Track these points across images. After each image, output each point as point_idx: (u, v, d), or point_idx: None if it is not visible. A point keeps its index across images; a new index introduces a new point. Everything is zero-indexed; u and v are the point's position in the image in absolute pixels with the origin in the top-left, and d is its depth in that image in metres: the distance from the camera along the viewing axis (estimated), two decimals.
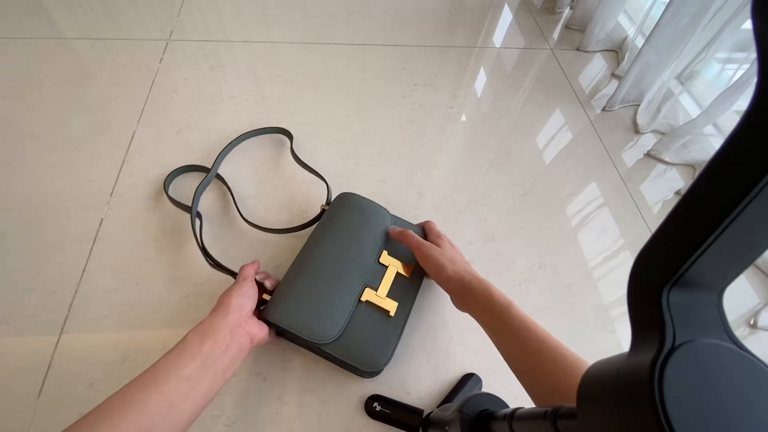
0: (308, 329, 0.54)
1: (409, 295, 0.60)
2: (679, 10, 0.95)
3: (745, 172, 0.14)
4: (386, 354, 0.57)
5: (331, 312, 0.53)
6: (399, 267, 0.60)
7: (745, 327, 0.81)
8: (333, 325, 0.54)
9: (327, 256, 0.57)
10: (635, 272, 0.18)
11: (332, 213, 0.62)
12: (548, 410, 0.33)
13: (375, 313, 0.56)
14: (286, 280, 0.59)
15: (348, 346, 0.55)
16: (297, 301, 0.55)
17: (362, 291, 0.56)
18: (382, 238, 0.61)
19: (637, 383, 0.16)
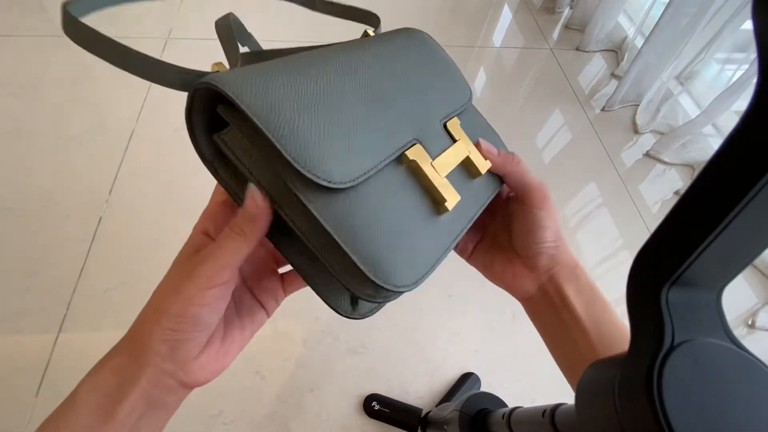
0: (297, 139, 0.24)
1: (476, 200, 0.32)
2: (678, 11, 0.95)
3: (744, 171, 0.14)
4: (420, 264, 0.28)
5: (349, 139, 0.26)
6: (472, 151, 0.33)
7: (743, 327, 0.81)
8: (348, 158, 0.26)
9: (363, 72, 0.29)
10: (634, 271, 0.18)
11: (387, 38, 0.34)
12: (546, 409, 0.33)
13: (419, 191, 0.29)
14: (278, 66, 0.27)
15: (360, 219, 0.26)
16: (291, 89, 0.25)
17: (409, 145, 0.29)
18: (453, 104, 0.34)
19: (636, 382, 0.16)
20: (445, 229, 0.30)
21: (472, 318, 0.79)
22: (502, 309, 0.80)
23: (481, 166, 0.33)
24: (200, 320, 0.26)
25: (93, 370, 0.27)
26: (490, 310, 0.80)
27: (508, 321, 0.79)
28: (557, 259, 0.33)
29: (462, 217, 0.31)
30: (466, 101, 0.36)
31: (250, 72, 0.25)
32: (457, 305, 0.80)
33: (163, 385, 0.27)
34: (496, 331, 0.78)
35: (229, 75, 0.24)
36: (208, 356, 0.28)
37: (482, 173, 0.33)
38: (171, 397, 0.28)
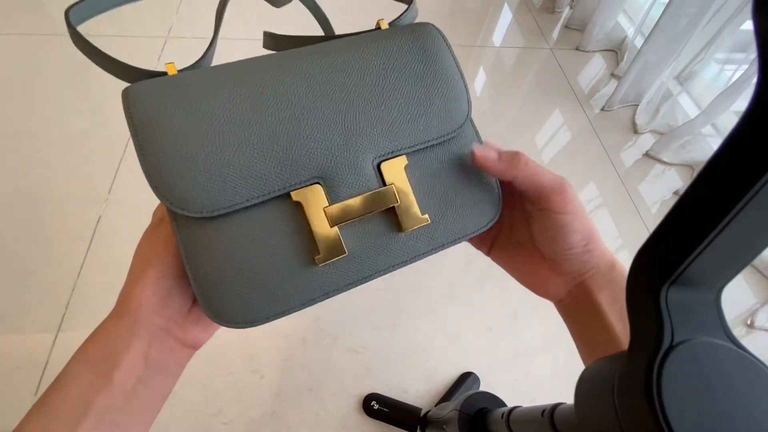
0: (160, 161, 0.24)
1: (388, 256, 0.27)
2: (678, 11, 0.95)
3: (744, 170, 0.14)
4: (264, 310, 0.25)
5: (226, 168, 0.24)
6: (404, 202, 0.26)
7: (742, 327, 0.81)
8: (215, 189, 0.24)
9: (295, 90, 0.25)
10: (634, 270, 0.18)
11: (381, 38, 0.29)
12: (546, 408, 0.33)
13: (301, 235, 0.25)
14: None
15: (214, 252, 0.24)
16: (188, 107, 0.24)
17: (306, 183, 0.25)
18: (416, 136, 0.27)
19: (636, 381, 0.16)
20: (318, 281, 0.26)
21: (471, 317, 0.79)
22: (501, 309, 0.80)
23: (408, 224, 0.26)
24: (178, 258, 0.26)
25: (81, 345, 0.25)
26: (490, 309, 0.80)
27: (507, 321, 0.79)
28: (590, 264, 0.27)
29: (353, 271, 0.26)
30: (449, 132, 0.28)
31: (168, 83, 0.24)
32: (457, 305, 0.80)
33: (161, 345, 0.26)
34: (495, 330, 0.78)
35: (147, 84, 0.24)
36: (192, 316, 0.27)
37: (404, 230, 0.26)
38: (171, 358, 0.26)
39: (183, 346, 0.27)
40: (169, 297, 0.26)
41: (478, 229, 0.28)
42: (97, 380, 0.24)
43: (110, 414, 0.23)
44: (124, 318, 0.25)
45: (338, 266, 0.26)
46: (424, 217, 0.27)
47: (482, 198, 0.29)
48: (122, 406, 0.24)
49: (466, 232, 0.28)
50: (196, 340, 0.28)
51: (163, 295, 0.25)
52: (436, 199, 0.27)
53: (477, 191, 0.29)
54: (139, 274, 0.26)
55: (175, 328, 0.26)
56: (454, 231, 0.28)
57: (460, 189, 0.28)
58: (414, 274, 0.82)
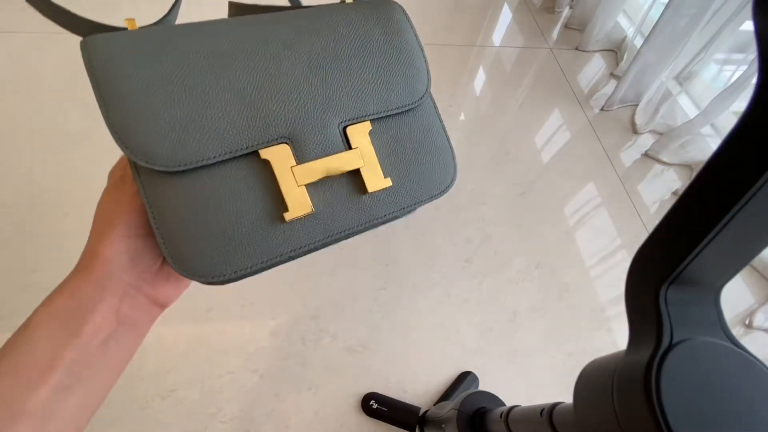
0: (125, 110, 0.23)
1: (351, 216, 0.28)
2: (677, 11, 0.95)
3: (743, 170, 0.14)
4: (234, 264, 0.25)
5: (194, 123, 0.24)
6: (368, 165, 0.27)
7: (740, 327, 0.81)
8: (184, 143, 0.24)
9: (263, 51, 0.26)
10: (633, 270, 0.18)
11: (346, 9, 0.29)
12: (544, 408, 0.33)
13: (268, 192, 0.26)
14: None
15: (181, 207, 0.24)
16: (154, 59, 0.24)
17: (275, 142, 0.25)
18: (378, 104, 0.28)
19: (635, 381, 0.16)
20: (285, 238, 0.26)
21: (470, 317, 0.79)
22: (500, 308, 0.80)
23: (372, 185, 0.27)
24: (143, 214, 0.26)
25: (45, 300, 0.24)
26: (489, 309, 0.80)
27: (506, 320, 0.79)
28: None
29: (319, 230, 0.27)
30: (410, 102, 0.29)
31: (130, 35, 0.24)
32: (456, 304, 0.80)
33: (132, 302, 0.26)
34: (494, 330, 0.78)
35: (108, 35, 0.24)
36: (163, 273, 0.28)
37: (368, 191, 0.27)
38: (142, 315, 0.27)
39: (153, 304, 0.28)
40: (138, 255, 0.26)
41: (438, 193, 0.31)
42: (67, 334, 0.23)
43: (78, 368, 0.23)
44: (93, 275, 0.24)
45: (305, 224, 0.26)
46: (387, 180, 0.28)
47: (440, 164, 0.31)
48: (91, 361, 0.24)
49: (426, 195, 0.30)
50: (167, 298, 0.29)
51: (132, 254, 0.25)
52: (397, 165, 0.29)
53: (435, 159, 0.31)
54: (105, 232, 0.25)
55: (145, 285, 0.27)
56: (415, 194, 0.30)
57: (419, 156, 0.30)
58: (413, 274, 0.82)
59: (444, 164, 0.31)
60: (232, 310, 0.73)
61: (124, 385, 0.65)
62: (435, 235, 0.88)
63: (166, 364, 0.67)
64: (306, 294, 0.77)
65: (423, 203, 0.30)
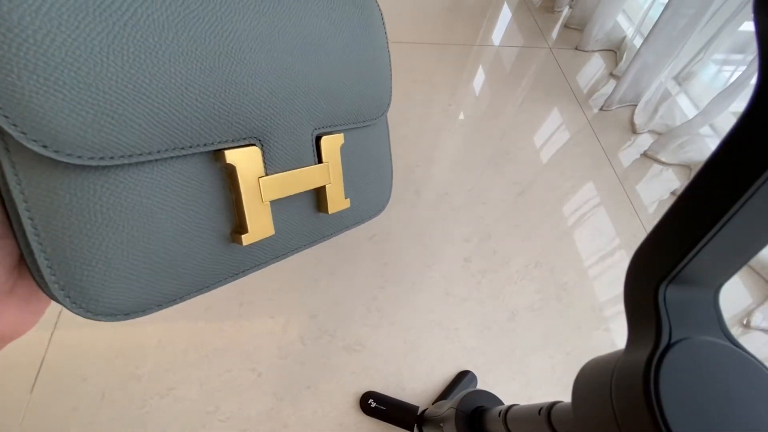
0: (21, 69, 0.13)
1: (305, 235, 0.25)
2: (677, 11, 0.95)
3: (743, 169, 0.14)
4: (158, 297, 0.19)
5: (138, 101, 0.15)
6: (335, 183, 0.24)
7: (738, 327, 0.81)
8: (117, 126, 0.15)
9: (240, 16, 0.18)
10: (632, 268, 0.18)
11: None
12: (543, 407, 0.33)
13: (223, 203, 0.20)
14: None
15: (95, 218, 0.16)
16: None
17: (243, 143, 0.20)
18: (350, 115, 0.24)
19: (633, 380, 0.16)
20: (233, 260, 0.21)
21: (469, 316, 0.79)
22: (499, 307, 0.80)
23: (334, 205, 0.24)
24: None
25: None
26: (488, 308, 0.80)
27: (505, 319, 0.79)
28: None
29: (270, 250, 0.23)
30: (376, 116, 0.26)
31: None
32: (455, 303, 0.80)
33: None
34: (493, 329, 0.78)
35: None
36: (28, 290, 0.19)
37: (328, 212, 0.24)
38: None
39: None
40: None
41: (374, 214, 0.28)
42: None
43: None
44: None
45: (258, 245, 0.22)
46: (347, 201, 0.25)
47: (383, 185, 0.29)
48: None
49: (366, 216, 0.27)
50: (16, 329, 0.19)
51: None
52: (354, 183, 0.26)
53: (381, 178, 0.28)
54: None
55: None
56: (358, 215, 0.27)
57: (370, 175, 0.27)
58: (412, 273, 0.82)
59: (386, 185, 0.29)
60: (231, 309, 0.73)
61: (122, 384, 0.65)
62: (434, 234, 0.88)
63: (165, 362, 0.67)
64: (305, 293, 0.77)
65: (359, 224, 0.27)
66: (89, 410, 0.63)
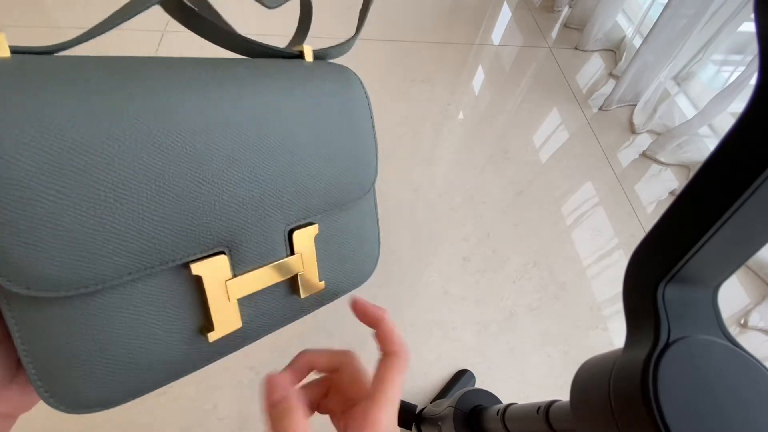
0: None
1: (278, 318, 0.26)
2: (676, 12, 0.95)
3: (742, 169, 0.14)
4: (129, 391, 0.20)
5: (104, 231, 0.16)
6: (308, 270, 0.25)
7: (736, 326, 0.82)
8: (84, 260, 0.16)
9: (204, 128, 0.19)
10: (631, 267, 0.18)
11: (313, 77, 0.23)
12: (541, 406, 0.34)
13: (193, 304, 0.21)
14: None
15: (75, 338, 0.18)
16: (45, 121, 0.16)
17: (212, 252, 0.20)
18: (329, 200, 0.24)
19: (632, 378, 0.16)
20: (201, 352, 0.22)
21: (467, 315, 0.79)
22: (497, 306, 0.81)
23: (307, 290, 0.25)
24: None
25: None
26: (486, 307, 0.80)
27: (503, 318, 0.79)
28: None
29: (240, 338, 0.23)
30: (357, 197, 0.25)
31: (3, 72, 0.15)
32: (453, 302, 0.80)
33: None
34: (491, 328, 0.78)
35: None
36: (14, 386, 0.20)
37: (301, 297, 0.25)
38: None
39: (2, 418, 0.20)
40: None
41: (357, 284, 0.28)
42: None
43: None
44: None
45: (227, 337, 0.22)
46: (321, 284, 0.26)
47: (367, 257, 0.28)
48: None
49: (344, 291, 0.28)
50: (19, 408, 0.21)
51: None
52: (331, 263, 0.26)
53: (364, 252, 0.28)
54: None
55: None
56: (338, 290, 0.27)
57: (352, 252, 0.27)
58: (411, 272, 0.82)
59: (369, 258, 0.28)
60: None
61: None
62: (433, 233, 0.88)
63: None
64: None
65: (337, 298, 0.28)
66: None
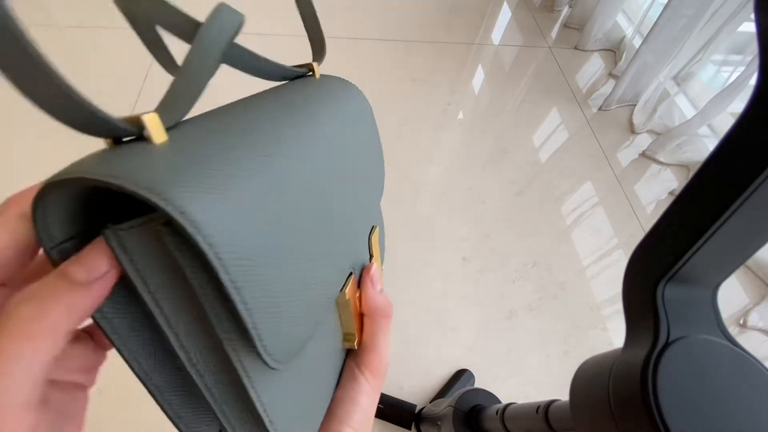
0: (267, 301, 0.14)
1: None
2: (676, 12, 0.95)
3: (742, 168, 0.14)
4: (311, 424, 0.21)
5: (305, 290, 0.17)
6: (379, 263, 0.27)
7: (735, 326, 0.82)
8: (300, 321, 0.17)
9: (323, 170, 0.18)
10: (631, 267, 0.18)
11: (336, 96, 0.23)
12: (540, 405, 0.34)
13: (337, 327, 0.23)
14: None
15: (295, 394, 0.19)
16: (260, 204, 0.14)
17: (347, 277, 0.22)
18: (377, 205, 0.27)
19: (631, 378, 0.16)
20: (338, 363, 0.23)
21: (467, 315, 0.79)
22: (497, 306, 0.81)
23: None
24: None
25: None
26: (486, 307, 0.80)
27: (503, 318, 0.79)
28: None
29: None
30: (382, 192, 0.28)
31: (189, 160, 0.13)
32: (453, 302, 0.80)
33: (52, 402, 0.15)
34: (490, 328, 0.78)
35: (159, 163, 0.13)
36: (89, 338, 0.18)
37: None
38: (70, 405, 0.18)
39: (77, 387, 0.18)
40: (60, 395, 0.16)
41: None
42: None
43: None
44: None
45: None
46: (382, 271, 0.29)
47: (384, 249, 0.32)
48: None
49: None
50: (91, 365, 0.18)
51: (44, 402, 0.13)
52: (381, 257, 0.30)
53: (383, 243, 0.31)
54: None
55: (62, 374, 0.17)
56: None
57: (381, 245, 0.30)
58: (410, 271, 0.82)
59: (384, 247, 0.32)
60: None
61: (121, 382, 0.65)
62: (432, 233, 0.88)
63: None
64: None
65: None
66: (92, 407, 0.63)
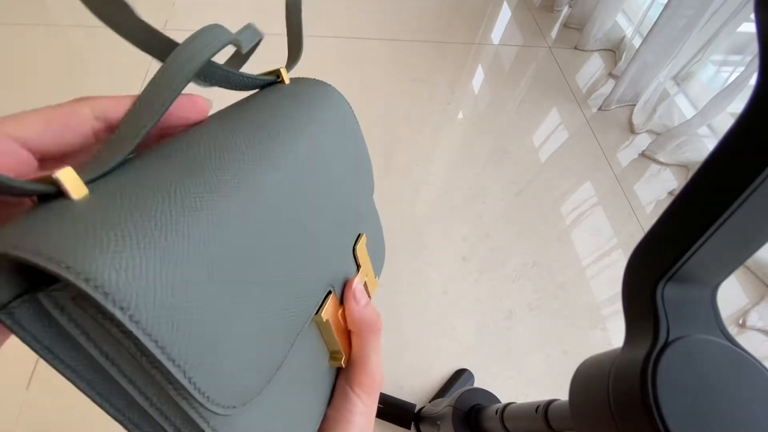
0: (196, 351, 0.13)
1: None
2: (676, 12, 0.95)
3: (741, 168, 0.14)
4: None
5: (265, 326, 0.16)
6: (369, 275, 0.26)
7: (734, 326, 0.82)
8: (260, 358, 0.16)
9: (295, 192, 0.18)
10: (631, 266, 0.18)
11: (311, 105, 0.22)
12: (540, 405, 0.34)
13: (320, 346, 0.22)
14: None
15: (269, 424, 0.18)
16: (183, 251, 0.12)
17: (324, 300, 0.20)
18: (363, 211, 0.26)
19: (631, 378, 0.16)
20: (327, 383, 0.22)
21: (466, 314, 0.79)
22: (496, 306, 0.81)
23: (371, 291, 0.26)
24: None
25: None
26: (485, 306, 0.80)
27: (502, 318, 0.79)
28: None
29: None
30: (371, 192, 0.26)
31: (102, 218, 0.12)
32: (452, 301, 0.80)
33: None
34: (490, 327, 0.78)
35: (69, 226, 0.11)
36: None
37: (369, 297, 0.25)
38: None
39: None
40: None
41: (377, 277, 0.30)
42: None
43: None
44: None
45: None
46: (376, 279, 0.27)
47: (381, 253, 0.31)
48: None
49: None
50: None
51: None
52: (373, 263, 0.28)
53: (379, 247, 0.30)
54: None
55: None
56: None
57: (376, 249, 0.29)
58: (410, 271, 0.82)
59: (382, 251, 0.30)
60: None
61: None
62: (432, 232, 0.88)
63: None
64: None
65: None
66: (86, 408, 0.63)
